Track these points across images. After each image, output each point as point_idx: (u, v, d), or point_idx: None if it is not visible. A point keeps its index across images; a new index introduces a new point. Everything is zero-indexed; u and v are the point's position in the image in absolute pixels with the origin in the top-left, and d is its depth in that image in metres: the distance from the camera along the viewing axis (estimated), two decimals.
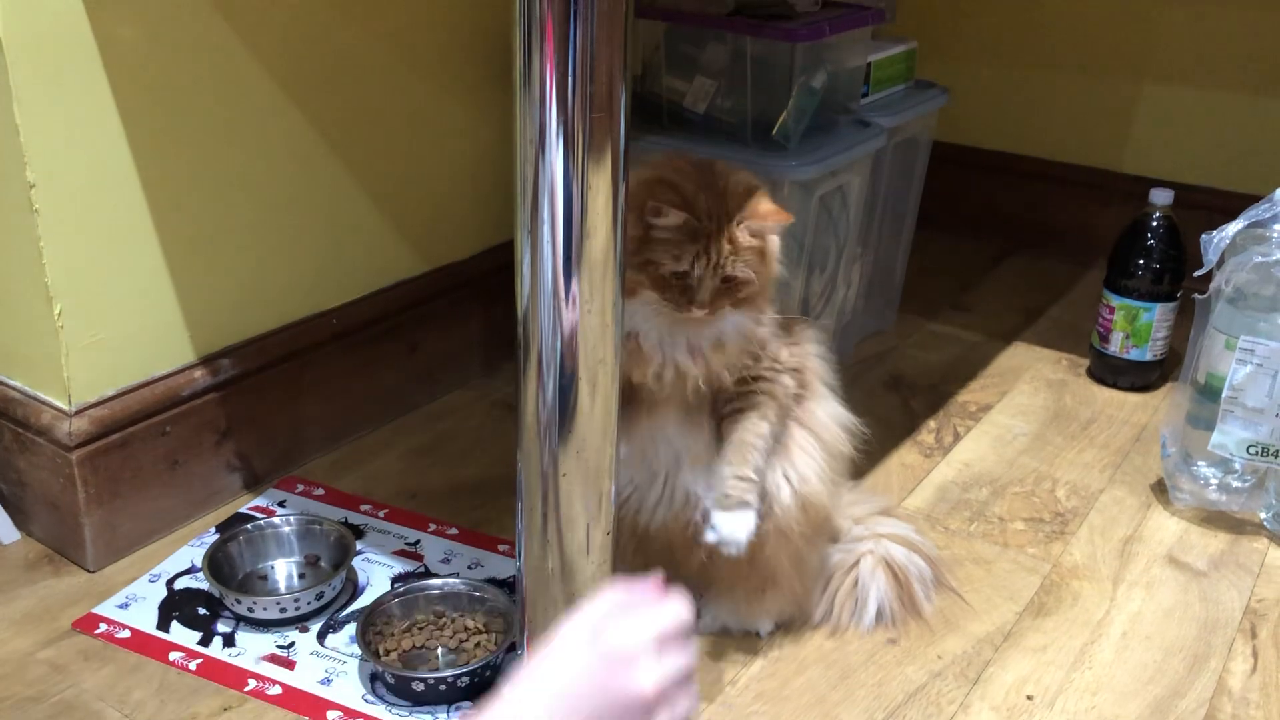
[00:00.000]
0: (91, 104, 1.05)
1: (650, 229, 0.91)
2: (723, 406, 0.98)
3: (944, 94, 1.56)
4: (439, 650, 1.04)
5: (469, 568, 1.16)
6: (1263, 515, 1.25)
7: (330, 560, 1.14)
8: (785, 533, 1.00)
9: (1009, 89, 1.95)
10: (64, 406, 1.11)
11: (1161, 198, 1.48)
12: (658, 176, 0.94)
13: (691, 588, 1.07)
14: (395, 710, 0.98)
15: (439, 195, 1.44)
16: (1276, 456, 1.21)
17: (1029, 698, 1.02)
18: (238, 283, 1.23)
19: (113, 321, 1.12)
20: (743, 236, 0.91)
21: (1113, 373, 1.55)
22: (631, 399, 0.97)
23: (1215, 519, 1.27)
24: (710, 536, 0.95)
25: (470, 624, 1.05)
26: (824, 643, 1.07)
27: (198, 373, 1.20)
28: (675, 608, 0.66)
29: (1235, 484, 1.25)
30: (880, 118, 1.43)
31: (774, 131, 1.32)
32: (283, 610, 1.07)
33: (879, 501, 1.19)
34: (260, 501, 1.26)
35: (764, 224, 0.93)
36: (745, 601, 1.05)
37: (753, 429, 0.97)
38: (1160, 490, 1.32)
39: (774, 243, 0.95)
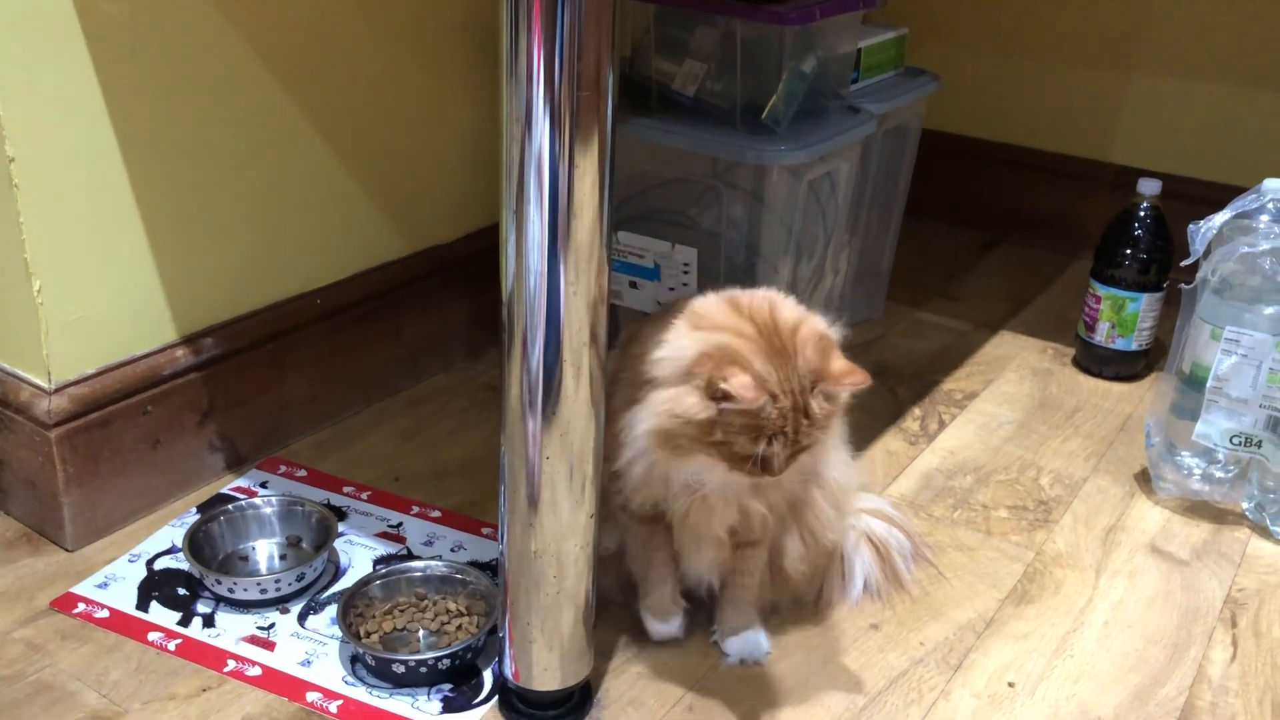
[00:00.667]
0: (74, 79, 1.04)
1: (721, 410, 0.83)
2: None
3: (934, 81, 1.56)
4: (420, 633, 1.03)
5: (452, 550, 1.16)
6: (1245, 505, 1.26)
7: (312, 542, 1.14)
8: (792, 574, 1.03)
9: (998, 77, 1.95)
10: (43, 384, 1.10)
11: (1149, 188, 1.48)
12: (721, 349, 0.85)
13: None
14: (375, 692, 0.97)
15: (425, 177, 1.43)
16: (1260, 447, 1.21)
17: (1010, 685, 1.02)
18: (221, 262, 1.22)
19: (93, 299, 1.11)
20: (818, 405, 0.85)
21: (1098, 362, 1.55)
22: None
23: (1198, 509, 1.27)
24: (733, 661, 1.02)
25: (452, 606, 1.05)
26: (807, 628, 1.07)
27: (180, 352, 1.19)
28: None
29: (1218, 474, 1.25)
30: (870, 104, 1.43)
31: (763, 116, 1.31)
32: (263, 591, 1.06)
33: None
34: (242, 482, 1.25)
35: (839, 388, 0.87)
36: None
37: (756, 568, 1.01)
38: (1144, 480, 1.32)
39: (845, 393, 0.89)
